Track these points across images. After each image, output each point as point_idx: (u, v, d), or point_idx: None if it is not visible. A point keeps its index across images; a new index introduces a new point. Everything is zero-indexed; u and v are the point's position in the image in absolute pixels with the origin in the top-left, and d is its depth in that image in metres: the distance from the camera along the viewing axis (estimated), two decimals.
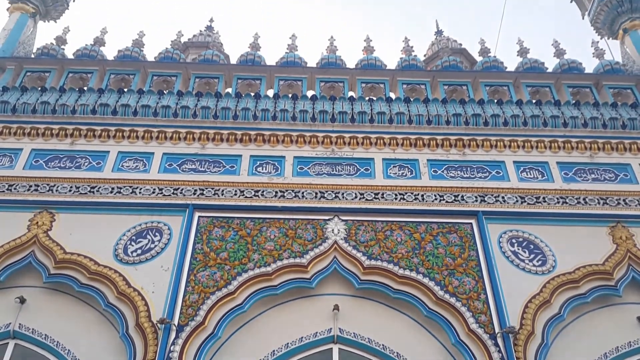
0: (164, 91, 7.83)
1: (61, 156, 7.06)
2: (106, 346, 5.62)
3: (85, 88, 7.93)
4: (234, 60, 8.91)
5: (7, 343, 5.77)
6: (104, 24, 12.86)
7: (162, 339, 5.37)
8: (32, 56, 8.69)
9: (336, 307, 5.85)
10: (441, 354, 5.68)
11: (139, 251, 6.17)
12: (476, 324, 5.61)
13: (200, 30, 12.00)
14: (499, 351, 5.40)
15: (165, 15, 27.21)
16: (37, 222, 6.38)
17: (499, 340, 5.48)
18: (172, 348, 5.34)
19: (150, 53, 8.84)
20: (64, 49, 8.81)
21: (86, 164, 6.99)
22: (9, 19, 9.14)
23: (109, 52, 8.83)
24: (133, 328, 5.52)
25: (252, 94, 7.77)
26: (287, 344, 5.69)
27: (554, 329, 5.70)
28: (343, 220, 6.45)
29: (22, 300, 5.89)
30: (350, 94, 8.24)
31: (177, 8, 25.97)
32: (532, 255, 6.27)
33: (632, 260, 6.26)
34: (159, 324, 5.45)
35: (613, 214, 6.63)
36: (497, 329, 5.57)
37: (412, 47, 9.40)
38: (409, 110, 7.52)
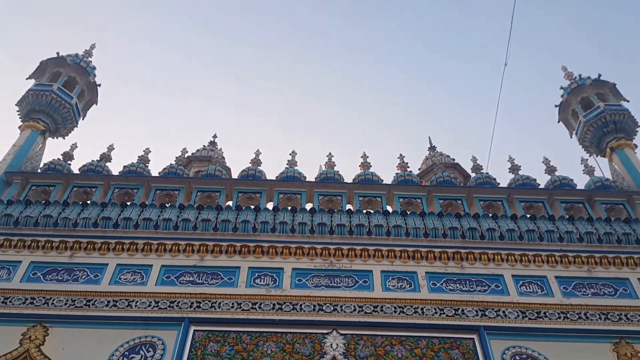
0: (166, 204, 8.01)
1: (59, 269, 7.06)
2: None
3: (88, 202, 8.11)
4: (235, 173, 9.21)
5: None
6: (111, 140, 13.39)
7: None
8: (39, 171, 8.96)
9: None
10: None
11: None
12: None
13: (204, 145, 12.54)
14: None
15: (171, 130, 28.41)
16: (30, 337, 6.23)
17: None
18: None
19: (155, 167, 9.15)
20: (70, 164, 9.11)
21: (84, 276, 6.97)
22: (20, 135, 9.54)
23: (115, 167, 9.15)
24: None
25: (252, 207, 7.95)
26: None
27: None
28: (342, 334, 6.32)
29: None
30: (348, 207, 8.44)
31: (183, 124, 27.18)
32: None
33: None
34: None
35: (616, 330, 6.51)
36: None
37: (407, 163, 9.79)
38: (406, 223, 7.66)
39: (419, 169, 12.09)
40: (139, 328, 6.37)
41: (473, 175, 9.54)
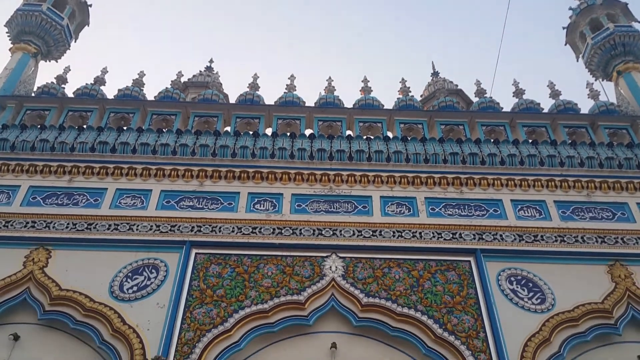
0: (163, 130, 7.91)
1: (59, 193, 7.07)
2: None
3: (84, 126, 8.01)
4: (233, 99, 9.05)
5: None
6: (105, 63, 13.08)
7: None
8: (33, 95, 8.80)
9: (334, 345, 5.76)
10: None
11: (135, 288, 6.11)
12: None
13: (200, 71, 12.26)
14: None
15: (166, 55, 27.76)
16: (33, 259, 6.34)
17: None
18: None
19: (150, 92, 8.99)
20: (64, 88, 8.94)
21: (84, 200, 6.99)
22: (11, 58, 9.31)
23: (109, 91, 8.98)
24: None
25: (251, 133, 7.86)
26: None
27: None
28: (341, 258, 6.42)
29: (16, 337, 5.79)
30: (348, 132, 8.34)
31: (178, 49, 26.52)
32: (531, 294, 6.22)
33: (631, 299, 6.22)
34: None
35: (611, 253, 6.62)
36: None
37: (409, 87, 9.58)
38: (406, 149, 7.60)
39: (421, 96, 11.88)
40: (142, 251, 6.47)
41: (476, 99, 9.36)
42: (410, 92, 9.47)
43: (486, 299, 6.07)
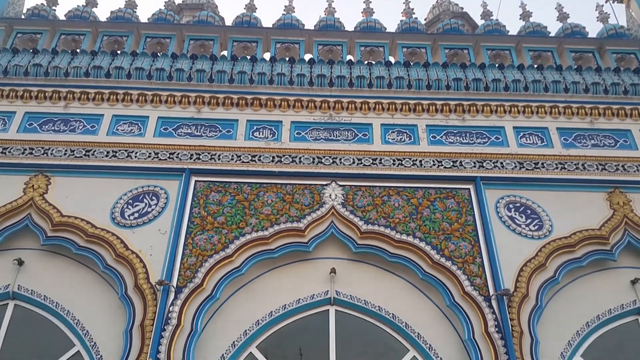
0: (158, 54, 7.69)
1: (55, 119, 6.98)
2: (105, 307, 5.67)
3: (77, 50, 7.78)
4: (229, 23, 8.73)
5: (7, 304, 5.83)
6: None
7: (161, 300, 5.41)
8: (23, 17, 8.48)
9: (333, 271, 5.89)
10: (436, 315, 5.75)
11: (136, 215, 6.16)
12: (471, 286, 5.66)
13: None
14: (493, 312, 5.47)
15: None
16: (33, 185, 6.35)
17: (493, 303, 5.54)
18: (171, 309, 5.38)
19: (144, 15, 8.67)
20: (54, 10, 8.61)
21: (80, 127, 6.91)
22: None
23: (101, 13, 8.67)
24: (132, 289, 5.56)
25: (248, 57, 7.64)
26: (285, 305, 5.75)
27: (548, 291, 5.77)
28: (340, 186, 6.43)
29: (20, 262, 5.91)
30: (349, 57, 8.10)
31: None
32: (528, 220, 6.28)
33: (628, 226, 6.29)
34: (157, 286, 5.49)
35: (611, 180, 6.63)
36: (491, 292, 5.62)
37: (412, 9, 9.21)
38: (408, 75, 7.42)
39: (425, 19, 11.47)
40: (141, 178, 6.48)
41: (482, 22, 9.04)
42: (414, 14, 9.12)
43: (484, 225, 6.13)
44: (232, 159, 6.60)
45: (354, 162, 6.63)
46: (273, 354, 5.62)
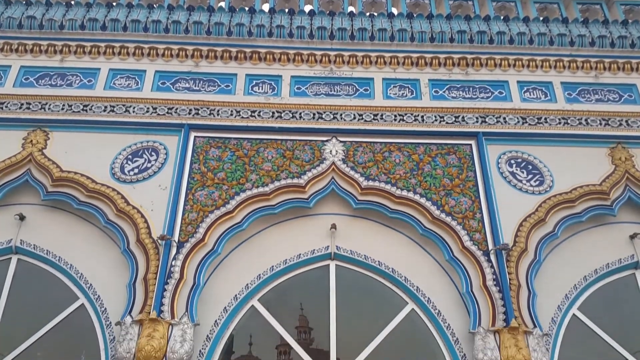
0: (154, 5, 7.49)
1: (51, 73, 6.87)
2: (108, 261, 5.75)
3: (72, 2, 7.57)
4: None
5: (10, 258, 5.92)
6: None
7: (164, 255, 5.47)
8: None
9: (333, 226, 5.93)
10: (435, 270, 5.84)
11: (136, 170, 6.15)
12: (470, 241, 5.71)
13: None
14: (491, 267, 5.54)
15: None
16: (32, 141, 6.32)
17: (492, 257, 5.60)
18: (173, 263, 5.45)
19: None
20: None
21: (77, 81, 6.81)
22: None
23: None
24: (134, 244, 5.61)
25: (247, 9, 7.43)
26: (286, 260, 5.82)
27: (547, 246, 5.83)
28: (341, 142, 6.38)
29: (22, 217, 5.95)
30: (350, 9, 7.88)
31: None
32: (530, 176, 6.27)
33: (629, 181, 6.29)
34: (159, 240, 5.53)
35: (614, 135, 6.58)
36: (490, 246, 5.68)
37: None
38: (411, 27, 7.24)
39: None
40: (140, 133, 6.43)
41: None
42: None
43: (485, 181, 6.13)
44: (231, 115, 6.53)
45: (354, 118, 6.56)
46: (274, 307, 5.73)
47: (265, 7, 7.74)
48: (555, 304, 5.63)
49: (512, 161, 6.39)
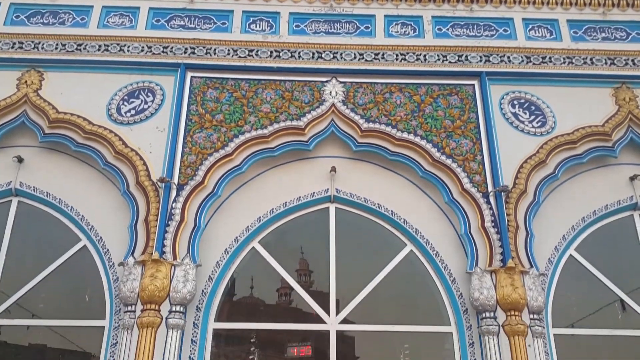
0: None
1: (43, 11, 6.64)
2: (108, 203, 5.78)
3: None
4: None
5: (10, 200, 5.95)
6: None
7: (164, 197, 5.48)
8: None
9: (333, 169, 5.92)
10: (434, 212, 5.87)
11: (133, 112, 6.06)
12: (470, 183, 5.71)
13: None
14: (490, 208, 5.57)
15: None
16: (26, 81, 6.20)
17: (491, 199, 5.62)
18: (173, 205, 5.47)
19: None
20: None
21: (70, 19, 6.59)
22: None
23: None
24: (134, 186, 5.61)
25: None
26: (286, 202, 5.85)
27: (547, 188, 5.84)
28: (341, 82, 6.25)
29: (20, 160, 5.92)
30: None
31: None
32: (532, 117, 6.19)
33: (632, 122, 6.22)
34: (159, 183, 5.53)
35: (619, 75, 6.44)
36: (490, 188, 5.68)
37: None
38: None
39: None
40: (135, 73, 6.30)
41: None
42: None
43: (487, 122, 6.05)
44: (228, 54, 6.36)
45: (355, 57, 6.40)
46: (275, 249, 5.80)
47: None
48: (553, 245, 5.70)
49: (515, 102, 6.30)
